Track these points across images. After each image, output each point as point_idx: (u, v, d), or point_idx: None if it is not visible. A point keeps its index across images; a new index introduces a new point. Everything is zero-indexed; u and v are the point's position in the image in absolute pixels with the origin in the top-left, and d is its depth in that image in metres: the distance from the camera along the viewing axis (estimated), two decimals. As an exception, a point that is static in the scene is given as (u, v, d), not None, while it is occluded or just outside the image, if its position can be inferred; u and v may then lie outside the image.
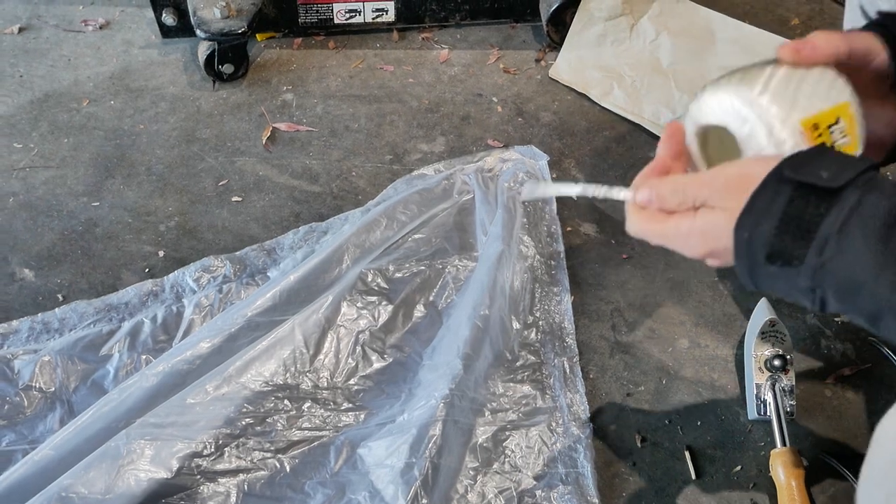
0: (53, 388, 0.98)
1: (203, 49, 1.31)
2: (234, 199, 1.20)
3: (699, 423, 0.99)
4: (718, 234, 0.56)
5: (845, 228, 0.49)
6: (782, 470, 0.91)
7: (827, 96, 0.57)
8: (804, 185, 0.51)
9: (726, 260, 0.57)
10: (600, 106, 1.31)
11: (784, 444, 0.93)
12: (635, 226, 0.62)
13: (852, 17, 0.90)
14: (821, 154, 0.53)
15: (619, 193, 0.63)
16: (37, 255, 1.13)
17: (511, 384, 0.99)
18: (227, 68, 1.32)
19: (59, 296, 1.09)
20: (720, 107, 0.60)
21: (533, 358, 1.02)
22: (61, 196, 1.20)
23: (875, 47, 0.62)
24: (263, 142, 1.27)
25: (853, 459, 0.94)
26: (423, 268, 1.08)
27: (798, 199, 0.51)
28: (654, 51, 1.28)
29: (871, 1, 0.84)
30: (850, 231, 0.49)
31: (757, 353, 0.98)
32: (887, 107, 0.64)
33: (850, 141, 0.57)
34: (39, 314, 1.05)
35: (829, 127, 0.57)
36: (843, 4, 1.46)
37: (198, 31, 1.28)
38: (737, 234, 0.54)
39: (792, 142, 0.56)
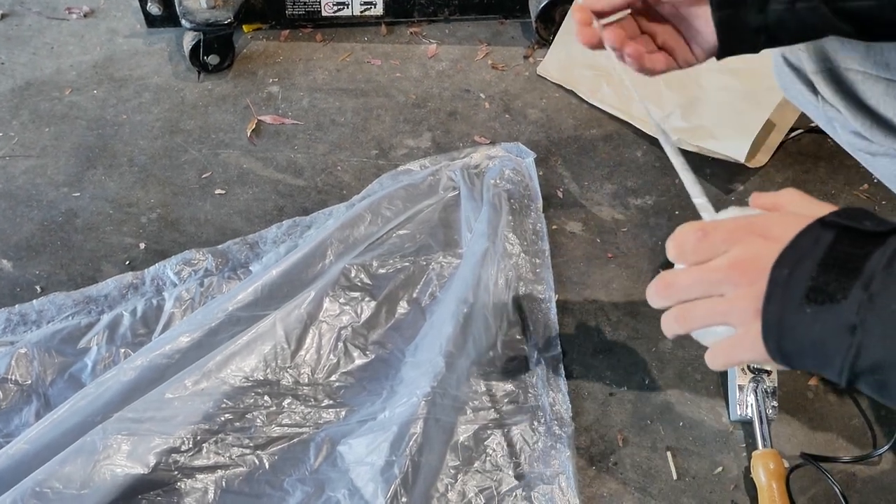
0: (30, 381, 0.96)
1: (188, 39, 1.30)
2: (218, 191, 1.19)
3: (681, 423, 0.98)
4: (758, 266, 0.52)
5: (892, 265, 0.48)
6: (763, 471, 0.91)
7: None
8: (849, 228, 0.50)
9: (743, 298, 0.52)
10: (588, 104, 1.30)
11: (766, 445, 0.93)
12: (675, 236, 0.57)
13: (779, 73, 0.91)
14: (862, 211, 0.52)
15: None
16: (15, 245, 1.12)
17: (493, 382, 0.99)
18: (213, 59, 1.31)
19: (38, 287, 1.07)
20: None
21: (516, 356, 1.01)
22: (41, 186, 1.18)
23: None
24: (248, 134, 1.25)
25: (834, 461, 0.94)
26: (406, 264, 1.07)
27: (842, 241, 0.49)
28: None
29: (792, 49, 0.85)
30: None
31: (740, 354, 0.98)
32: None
33: None
34: (17, 305, 1.04)
35: None
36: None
37: (183, 21, 1.27)
38: (774, 272, 0.51)
39: None
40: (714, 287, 0.53)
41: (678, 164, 0.64)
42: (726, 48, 0.70)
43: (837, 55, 0.79)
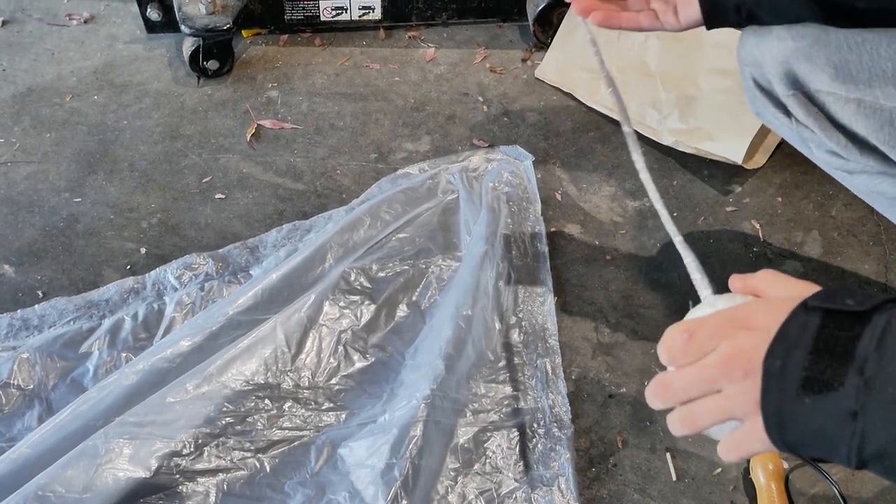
0: (32, 386, 0.97)
1: (188, 45, 1.31)
2: (218, 196, 1.19)
3: (680, 424, 0.99)
4: (749, 358, 0.52)
5: (883, 345, 0.48)
6: (762, 472, 0.91)
7: None
8: (832, 311, 0.50)
9: (736, 397, 0.53)
10: (586, 107, 1.31)
11: (764, 446, 0.93)
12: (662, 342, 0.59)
13: (751, 97, 0.92)
14: (843, 289, 0.52)
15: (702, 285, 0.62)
16: (17, 250, 1.12)
17: (493, 385, 0.99)
18: (212, 64, 1.31)
19: (39, 292, 1.08)
20: None
21: (515, 359, 1.02)
22: (43, 191, 1.19)
23: None
24: (248, 139, 1.26)
25: (833, 463, 0.94)
26: (406, 267, 1.08)
27: (829, 325, 0.49)
28: (642, 54, 1.29)
29: (762, 74, 0.86)
30: (889, 346, 0.48)
31: (738, 355, 0.98)
32: None
33: None
34: (19, 311, 1.04)
35: None
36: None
37: (183, 27, 1.27)
38: (767, 365, 0.51)
39: None
40: (711, 385, 0.53)
41: (667, 223, 0.68)
42: (711, 20, 0.79)
43: (807, 77, 0.80)
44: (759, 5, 0.75)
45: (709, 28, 0.82)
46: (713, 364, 0.53)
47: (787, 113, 0.86)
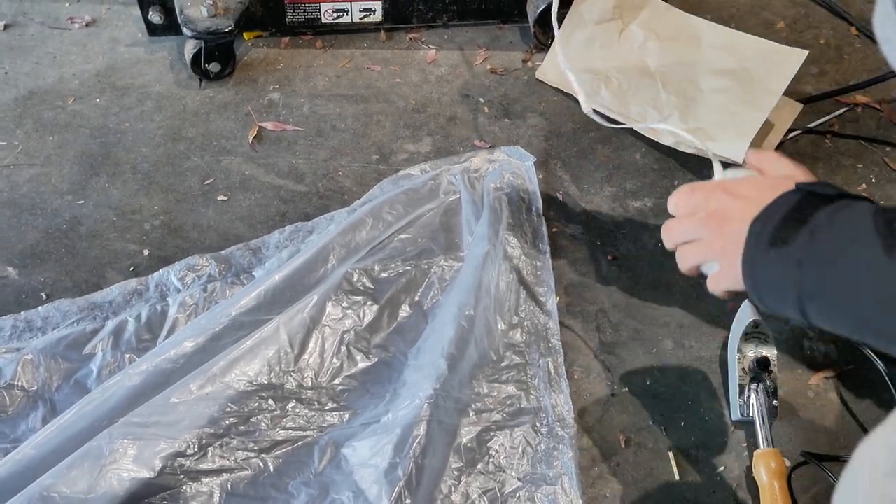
0: (36, 387, 0.97)
1: (190, 47, 1.31)
2: (220, 198, 1.19)
3: (683, 423, 0.99)
4: (726, 216, 0.69)
5: (835, 217, 0.60)
6: (765, 471, 0.91)
7: None
8: (812, 193, 0.64)
9: (726, 237, 0.68)
10: (587, 107, 1.31)
11: (767, 445, 0.93)
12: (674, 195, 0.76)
13: (882, 21, 0.89)
14: (830, 184, 0.66)
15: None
16: (20, 253, 1.13)
17: (496, 385, 1.00)
18: (214, 67, 1.32)
19: (43, 294, 1.08)
20: None
21: (518, 358, 1.02)
22: (46, 194, 1.19)
23: None
24: (250, 141, 1.26)
25: (835, 460, 0.94)
26: (408, 268, 1.08)
27: (805, 201, 0.63)
28: (642, 55, 1.29)
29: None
30: (839, 217, 0.60)
31: (741, 354, 0.98)
32: None
33: None
34: (22, 312, 1.04)
35: None
36: (826, 7, 1.47)
37: (184, 30, 1.28)
38: (752, 226, 0.65)
39: None
40: (696, 232, 0.72)
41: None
42: None
43: None
44: None
45: None
46: (699, 217, 0.72)
47: None
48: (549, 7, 1.33)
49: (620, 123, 1.22)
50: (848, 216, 0.59)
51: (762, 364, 0.97)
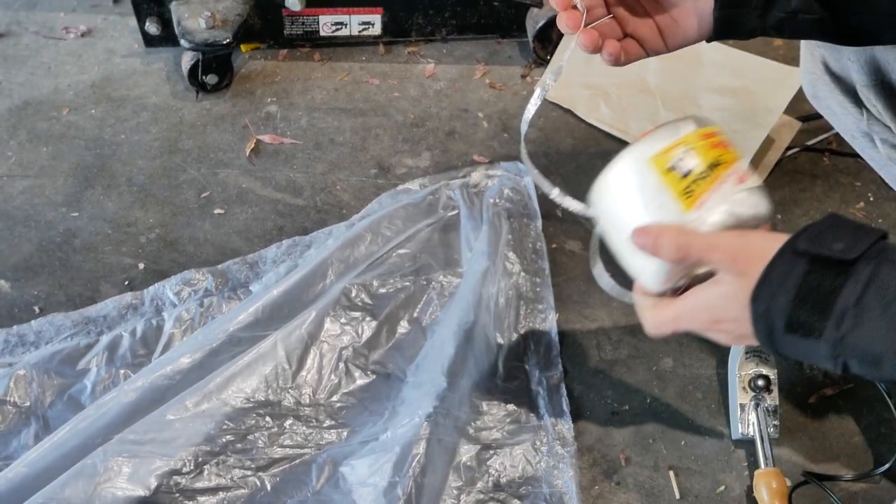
0: (28, 403, 0.96)
1: (187, 59, 1.30)
2: (217, 211, 1.18)
3: (683, 442, 0.98)
4: (727, 306, 0.58)
5: (862, 301, 0.51)
6: (766, 490, 0.91)
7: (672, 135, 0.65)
8: (819, 257, 0.52)
9: (733, 330, 0.60)
10: (586, 123, 1.31)
11: (768, 464, 0.93)
12: (649, 322, 0.67)
13: (812, 81, 0.89)
14: (834, 225, 0.54)
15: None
16: (13, 265, 1.11)
17: (495, 402, 0.99)
18: (211, 79, 1.31)
19: (36, 308, 1.07)
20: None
21: (517, 376, 1.01)
22: (39, 206, 1.18)
23: None
24: (247, 154, 1.25)
25: (836, 480, 0.94)
26: (407, 283, 1.07)
27: (814, 271, 0.52)
28: (641, 72, 1.29)
29: (838, 59, 0.84)
30: (867, 303, 0.51)
31: (741, 372, 0.98)
32: None
33: (700, 161, 0.63)
34: (15, 326, 1.03)
35: (675, 156, 0.64)
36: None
37: (182, 41, 1.27)
38: (753, 306, 0.55)
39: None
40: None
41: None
42: (719, 37, 0.72)
43: (891, 66, 0.77)
44: (779, 31, 0.69)
45: (710, 41, 0.74)
46: (693, 308, 0.62)
47: (857, 103, 0.84)
48: (548, 22, 1.33)
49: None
50: (877, 304, 0.50)
51: (762, 383, 0.97)
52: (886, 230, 0.55)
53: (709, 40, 0.72)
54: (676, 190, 0.62)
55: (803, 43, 0.88)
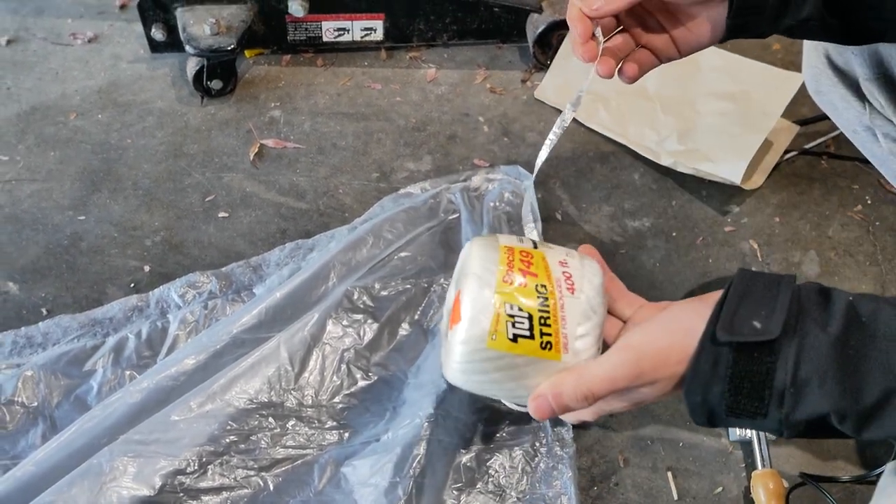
0: (36, 403, 0.97)
1: (192, 65, 1.32)
2: (221, 214, 1.20)
3: (681, 444, 1.00)
4: (655, 398, 0.58)
5: (797, 379, 0.51)
6: (763, 491, 0.92)
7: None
8: (742, 344, 0.52)
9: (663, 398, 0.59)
10: (585, 127, 1.32)
11: (765, 465, 0.94)
12: (570, 419, 0.64)
13: (815, 75, 0.90)
14: (745, 296, 0.53)
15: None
16: (21, 268, 1.13)
17: (495, 404, 1.00)
18: (216, 84, 1.33)
19: (44, 310, 1.08)
20: None
21: (517, 377, 1.02)
22: (47, 209, 1.19)
23: None
24: (251, 158, 1.27)
25: (833, 482, 0.95)
26: (408, 286, 1.09)
27: (741, 360, 0.52)
28: (640, 78, 1.30)
29: (841, 52, 0.85)
30: (803, 380, 0.51)
31: (738, 374, 0.99)
32: (709, 6, 0.68)
33: (528, 307, 0.59)
34: (23, 328, 1.04)
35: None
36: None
37: (187, 47, 1.29)
38: (689, 398, 0.55)
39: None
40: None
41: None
42: (730, 38, 0.71)
43: (894, 61, 0.78)
44: (790, 34, 0.70)
45: (728, 39, 0.73)
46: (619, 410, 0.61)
47: (860, 97, 0.84)
48: (548, 27, 1.35)
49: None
50: (814, 378, 0.51)
51: (760, 385, 0.98)
52: (794, 275, 0.55)
53: (726, 39, 0.72)
54: (535, 353, 0.59)
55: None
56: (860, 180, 1.26)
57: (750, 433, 0.96)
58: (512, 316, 0.59)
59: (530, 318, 0.59)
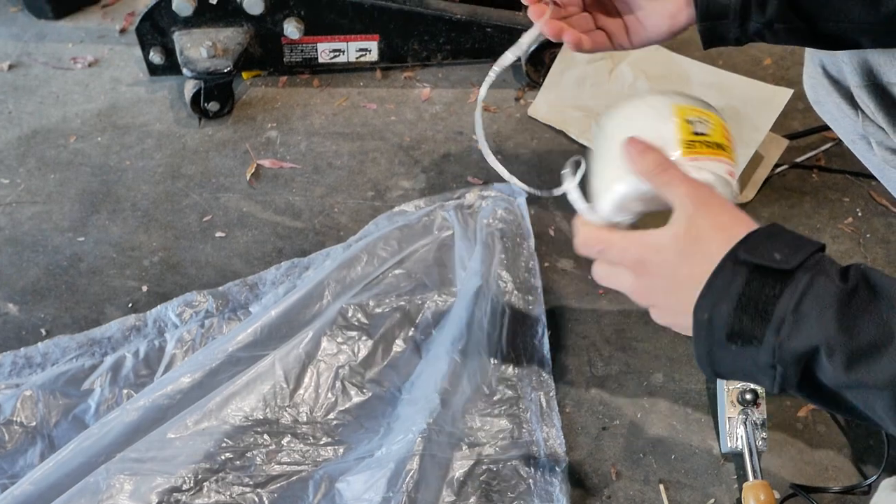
0: (34, 423, 0.98)
1: (189, 87, 1.34)
2: (218, 234, 1.22)
3: (673, 456, 1.00)
4: (657, 260, 0.61)
5: (800, 308, 0.53)
6: (754, 502, 0.92)
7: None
8: (759, 267, 0.54)
9: (668, 318, 0.62)
10: (578, 144, 1.34)
11: (756, 477, 0.94)
12: (581, 236, 0.68)
13: (813, 84, 0.92)
14: (773, 235, 0.56)
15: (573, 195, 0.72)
16: (21, 289, 1.15)
17: (488, 418, 1.01)
18: (213, 106, 1.35)
19: (43, 330, 1.10)
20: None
21: (510, 392, 1.03)
22: (47, 231, 1.21)
23: None
24: (248, 178, 1.29)
25: (824, 492, 0.95)
26: (402, 303, 1.10)
27: (754, 280, 0.54)
28: (632, 94, 1.32)
29: (834, 62, 0.86)
30: (804, 310, 0.53)
31: (729, 387, 1.00)
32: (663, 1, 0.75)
33: (713, 134, 0.67)
34: (22, 349, 1.06)
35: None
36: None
37: (185, 70, 1.31)
38: (696, 315, 0.57)
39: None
40: (630, 292, 0.64)
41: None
42: (708, 47, 0.77)
43: (882, 69, 0.80)
44: (761, 38, 0.74)
45: (705, 49, 0.79)
46: (621, 285, 0.64)
47: (854, 105, 0.86)
48: (541, 46, 1.36)
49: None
50: (815, 312, 0.52)
51: (751, 396, 0.98)
52: (824, 243, 0.57)
53: (705, 48, 0.77)
54: (683, 135, 0.66)
55: (806, 49, 0.91)
56: (851, 193, 1.27)
57: (741, 445, 0.96)
58: (705, 121, 0.68)
59: (710, 133, 0.67)
